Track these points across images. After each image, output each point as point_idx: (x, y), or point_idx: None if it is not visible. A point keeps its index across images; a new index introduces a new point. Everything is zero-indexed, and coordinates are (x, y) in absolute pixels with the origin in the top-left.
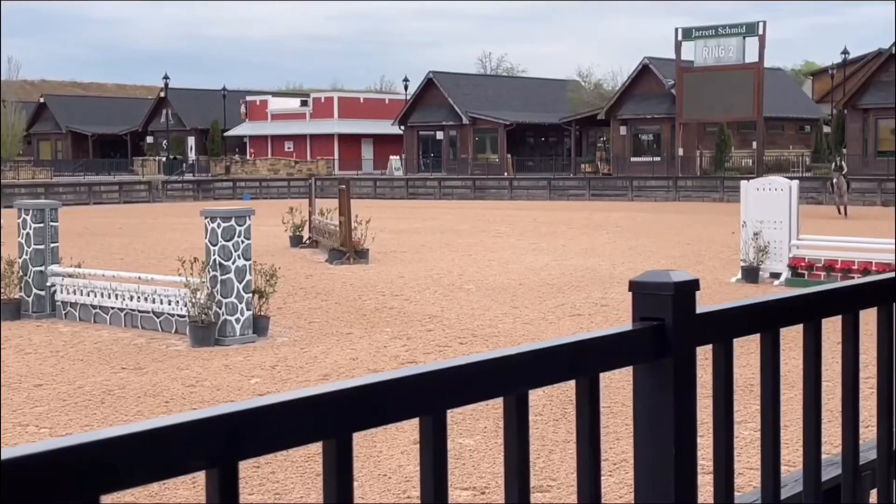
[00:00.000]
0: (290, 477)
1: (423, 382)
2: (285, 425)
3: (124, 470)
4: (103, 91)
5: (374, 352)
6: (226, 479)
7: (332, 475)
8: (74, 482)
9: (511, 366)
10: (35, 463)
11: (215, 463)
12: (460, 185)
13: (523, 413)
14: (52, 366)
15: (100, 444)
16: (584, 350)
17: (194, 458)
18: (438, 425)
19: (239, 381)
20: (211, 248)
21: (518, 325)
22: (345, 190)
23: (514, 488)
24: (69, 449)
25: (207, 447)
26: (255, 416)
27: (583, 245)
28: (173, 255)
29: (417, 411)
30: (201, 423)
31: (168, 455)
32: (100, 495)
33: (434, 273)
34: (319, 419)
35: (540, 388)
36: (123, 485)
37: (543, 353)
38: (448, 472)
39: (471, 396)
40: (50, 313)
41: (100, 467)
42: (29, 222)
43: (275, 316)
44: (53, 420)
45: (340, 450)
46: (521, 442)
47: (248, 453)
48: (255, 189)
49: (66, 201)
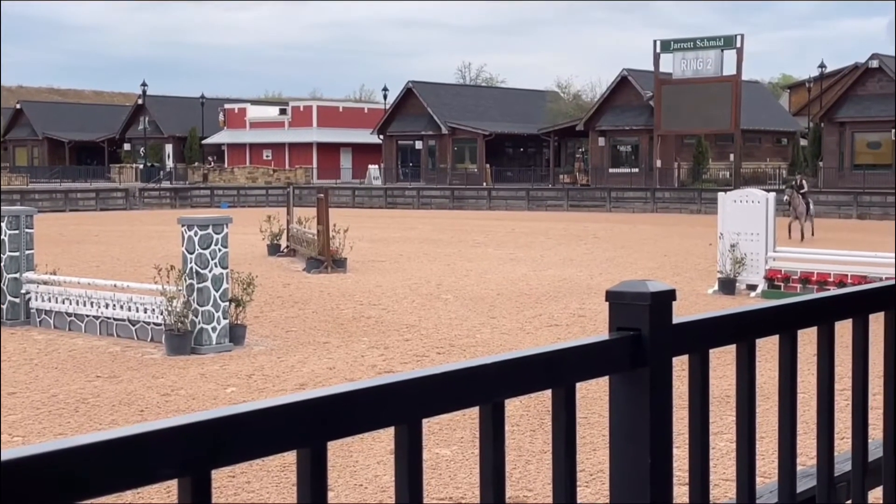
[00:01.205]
0: (266, 486)
1: (399, 391)
2: (259, 434)
3: (96, 477)
4: (81, 98)
5: (351, 361)
6: (198, 488)
7: (307, 484)
8: (45, 489)
9: (487, 374)
10: (5, 470)
11: (188, 471)
12: (439, 195)
13: (499, 422)
14: (26, 374)
15: (71, 451)
16: (560, 359)
17: (167, 466)
18: (414, 434)
19: (215, 389)
20: (188, 256)
21: (496, 335)
22: (323, 199)
23: (490, 497)
24: (40, 456)
25: (180, 455)
26: (229, 425)
27: (561, 255)
28: (150, 263)
29: (393, 420)
30: (174, 431)
31: (140, 463)
32: (72, 503)
33: (412, 282)
34: (294, 427)
35: (517, 399)
36: (94, 493)
37: (520, 362)
38: (423, 481)
39: (447, 405)
40: (24, 321)
41: (70, 475)
42: (4, 229)
43: (251, 325)
44: (27, 428)
45: (315, 458)
46: (496, 451)
47: (221, 462)
48: (232, 197)
49: (42, 208)
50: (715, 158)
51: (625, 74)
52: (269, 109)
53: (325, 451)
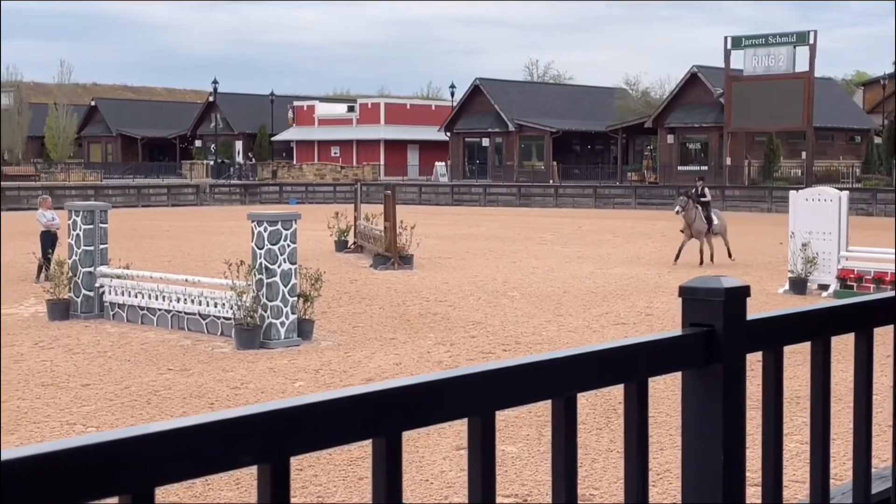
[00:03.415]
0: (333, 480)
1: (473, 383)
2: (336, 423)
3: (178, 463)
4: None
5: (417, 357)
6: (277, 475)
7: (382, 473)
8: (130, 474)
9: (560, 368)
10: (90, 453)
11: (267, 458)
12: (505, 192)
13: (571, 416)
14: (100, 366)
15: (155, 436)
16: (632, 355)
17: (247, 452)
18: (487, 426)
19: (283, 384)
20: (257, 251)
21: (562, 332)
22: (390, 195)
23: (562, 490)
24: (125, 441)
25: (260, 442)
26: (307, 413)
27: (628, 253)
28: (220, 258)
29: (466, 411)
30: (255, 419)
31: (222, 449)
32: (154, 487)
33: (478, 280)
34: (369, 417)
35: (583, 397)
36: (177, 477)
37: (592, 357)
38: (496, 472)
39: (519, 398)
40: (98, 314)
41: (155, 460)
42: (79, 224)
43: (319, 320)
44: (100, 419)
45: (390, 448)
46: (568, 445)
47: (299, 449)
48: (301, 193)
49: (115, 203)
50: (786, 156)
51: (694, 71)
52: (337, 107)
53: (400, 441)
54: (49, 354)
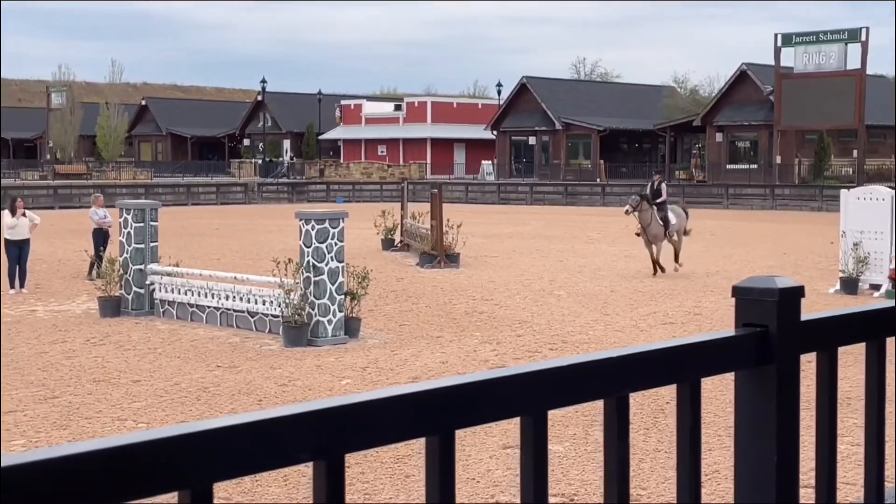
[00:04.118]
0: (380, 477)
1: (526, 382)
2: (390, 421)
3: (237, 459)
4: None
5: (463, 356)
6: (332, 471)
7: (435, 471)
8: (190, 469)
9: (613, 368)
10: (153, 449)
11: (322, 455)
12: (552, 191)
13: (624, 416)
14: (150, 362)
15: (215, 433)
16: (685, 355)
17: (303, 449)
18: (539, 425)
19: (330, 381)
20: (305, 249)
21: (609, 332)
22: (437, 194)
23: (614, 491)
24: (186, 437)
25: (316, 440)
26: (363, 411)
27: None
28: (268, 257)
29: (519, 411)
30: (311, 416)
31: (279, 446)
32: (213, 482)
33: (524, 278)
34: (423, 415)
35: (631, 397)
36: (235, 473)
37: (645, 357)
38: (548, 472)
39: (572, 398)
40: (149, 311)
41: (214, 456)
42: (130, 222)
43: (366, 318)
44: (150, 416)
45: (443, 446)
46: (621, 445)
47: (354, 446)
48: (348, 192)
49: (164, 202)
50: (837, 155)
51: (744, 69)
52: (384, 105)
53: (453, 439)
54: (100, 351)
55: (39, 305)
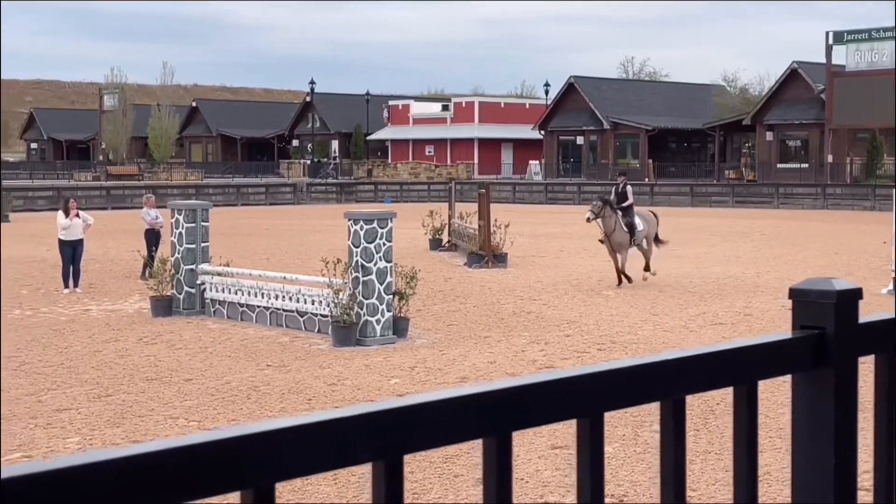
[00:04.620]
0: (429, 477)
1: (583, 384)
2: (449, 421)
3: (299, 459)
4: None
5: (511, 356)
6: (391, 472)
7: (493, 473)
8: (253, 469)
9: (669, 370)
10: (218, 448)
11: (382, 456)
12: (600, 191)
13: (680, 419)
14: (202, 361)
15: (277, 433)
16: (742, 357)
17: (363, 450)
18: (596, 428)
19: (379, 381)
20: (353, 249)
21: (658, 332)
22: (484, 194)
23: (670, 495)
24: (249, 437)
25: (376, 440)
26: (421, 412)
27: (726, 253)
28: (317, 256)
29: (576, 413)
30: (371, 417)
31: (340, 446)
32: (275, 482)
33: (573, 278)
34: (480, 416)
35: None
36: (296, 473)
37: (702, 359)
38: (604, 474)
39: (629, 400)
40: (199, 310)
41: (276, 455)
42: (181, 222)
43: (414, 318)
44: (202, 414)
45: (500, 447)
46: (677, 448)
47: (412, 447)
48: (395, 192)
49: (215, 202)
50: (890, 153)
51: (794, 67)
52: (431, 106)
53: (511, 441)
54: (153, 350)
55: (93, 305)
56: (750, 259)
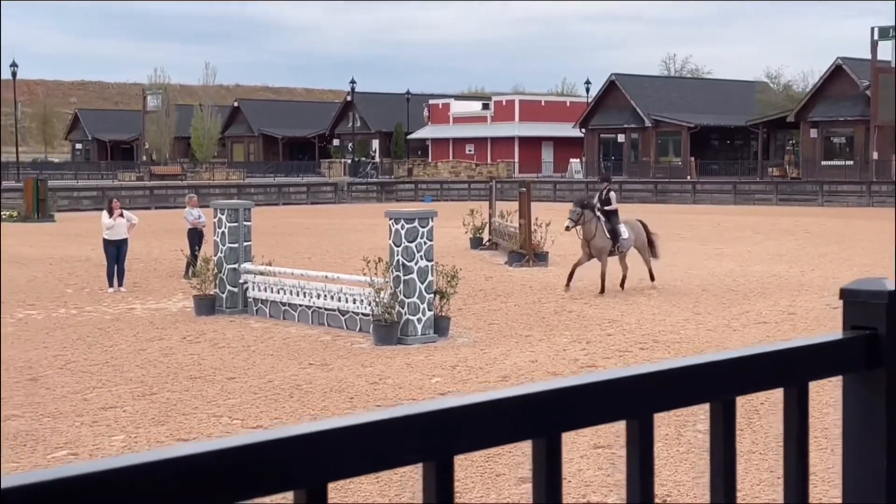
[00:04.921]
0: (470, 476)
1: (632, 385)
2: (498, 422)
3: (350, 459)
4: (293, 95)
5: (553, 355)
6: (442, 473)
7: (542, 474)
8: (306, 469)
9: (719, 371)
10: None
11: (432, 456)
12: (641, 189)
13: (730, 420)
14: (244, 360)
15: (330, 433)
16: (792, 358)
17: (414, 450)
18: (645, 429)
19: (420, 379)
20: (394, 248)
21: (701, 331)
22: (525, 192)
23: (720, 497)
24: (303, 437)
25: (427, 440)
26: (472, 412)
27: (769, 251)
28: (358, 255)
29: (624, 414)
30: (422, 417)
31: (391, 446)
32: (327, 482)
33: (614, 276)
34: (529, 417)
35: None
36: (348, 473)
37: (752, 360)
38: (654, 475)
39: (678, 401)
40: (242, 309)
41: (329, 456)
42: (224, 222)
43: (455, 317)
44: (245, 412)
45: (550, 449)
46: (727, 450)
47: (462, 448)
48: (436, 191)
49: (256, 201)
50: None
51: (839, 63)
52: (472, 104)
53: (560, 442)
54: (196, 348)
55: (137, 303)
56: (794, 257)
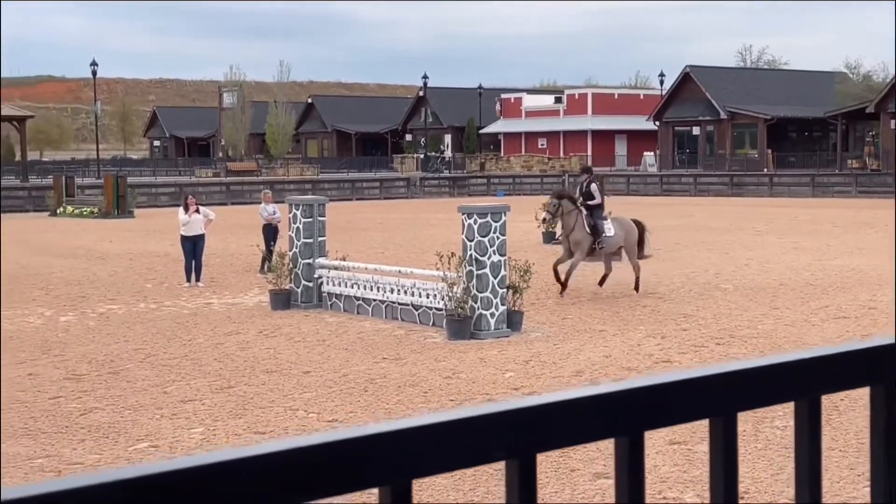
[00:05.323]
0: (545, 471)
1: (716, 383)
2: (582, 421)
3: (436, 456)
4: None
5: (627, 350)
6: (525, 471)
7: (625, 473)
8: (392, 465)
9: (806, 370)
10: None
11: (517, 454)
12: (717, 182)
13: (816, 417)
14: (319, 354)
15: (417, 430)
16: (881, 356)
17: (498, 448)
18: (729, 428)
19: (493, 374)
20: (467, 243)
21: (779, 326)
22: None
23: (805, 492)
24: (386, 434)
25: (511, 438)
26: (555, 410)
27: (849, 244)
28: (431, 250)
29: (708, 412)
30: (507, 415)
31: (476, 444)
32: (412, 479)
33: (689, 271)
34: (613, 416)
35: None
36: (433, 470)
37: (838, 358)
38: (738, 474)
39: (762, 399)
40: (317, 304)
41: (415, 453)
42: (299, 217)
43: (528, 311)
44: (321, 406)
45: (633, 447)
46: (812, 449)
47: (546, 446)
48: (508, 185)
49: (330, 197)
50: None
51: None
52: (544, 98)
53: (643, 441)
54: (272, 342)
55: (214, 298)
56: (874, 250)
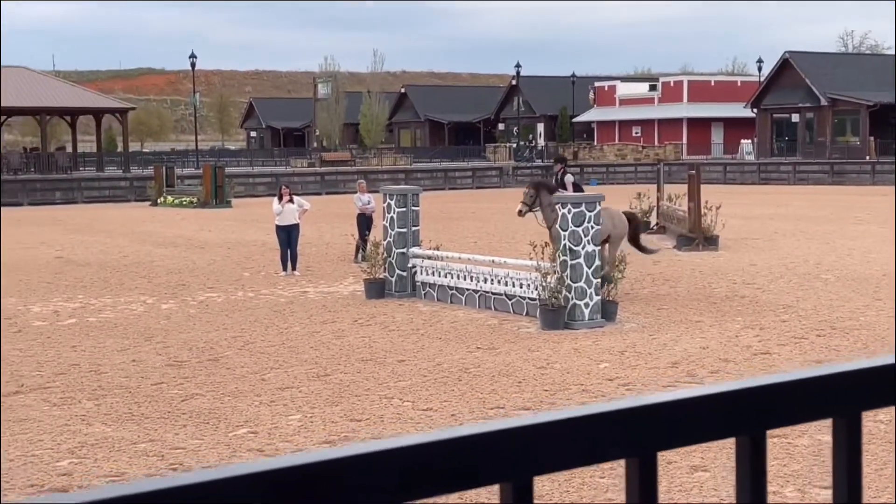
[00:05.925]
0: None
1: (841, 382)
2: (701, 419)
3: (554, 454)
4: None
5: (725, 341)
6: (646, 468)
7: (746, 472)
8: (514, 462)
9: None
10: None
11: (636, 452)
12: (817, 170)
13: None
14: (413, 343)
15: (535, 427)
16: None
17: (617, 445)
18: (854, 428)
19: (588, 364)
20: (561, 233)
21: (881, 318)
22: (694, 175)
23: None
24: (507, 431)
25: (629, 436)
26: (675, 409)
27: None
28: (524, 240)
29: (831, 412)
30: (626, 413)
31: (594, 441)
32: (532, 476)
33: (788, 261)
34: (734, 415)
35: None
36: (552, 468)
37: None
38: (862, 475)
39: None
40: (411, 293)
41: (536, 450)
42: (393, 207)
43: (622, 302)
44: (416, 394)
45: (754, 447)
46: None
47: (666, 444)
48: (601, 174)
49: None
50: None
51: None
52: (638, 86)
53: (765, 440)
54: (367, 331)
55: (310, 287)
56: None
